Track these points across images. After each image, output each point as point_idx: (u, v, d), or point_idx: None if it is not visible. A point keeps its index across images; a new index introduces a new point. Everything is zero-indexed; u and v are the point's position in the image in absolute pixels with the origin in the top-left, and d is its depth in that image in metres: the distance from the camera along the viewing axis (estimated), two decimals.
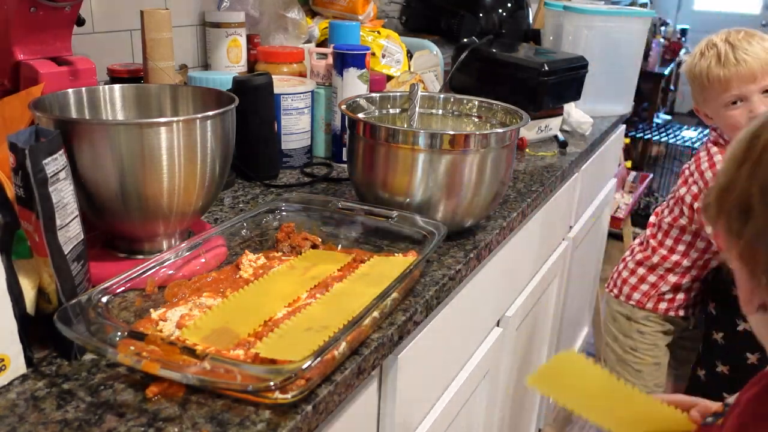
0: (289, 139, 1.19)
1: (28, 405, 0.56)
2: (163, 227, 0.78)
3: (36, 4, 0.80)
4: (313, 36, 1.59)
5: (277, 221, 0.89)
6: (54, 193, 0.60)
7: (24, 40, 0.84)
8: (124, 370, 0.61)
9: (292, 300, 0.71)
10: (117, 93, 0.87)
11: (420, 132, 0.87)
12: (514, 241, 1.16)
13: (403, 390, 0.81)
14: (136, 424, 0.54)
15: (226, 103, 0.80)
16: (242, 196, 1.06)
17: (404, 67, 1.56)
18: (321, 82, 1.27)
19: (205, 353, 0.56)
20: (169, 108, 0.89)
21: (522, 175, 1.25)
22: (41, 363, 0.61)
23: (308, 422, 0.58)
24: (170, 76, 1.06)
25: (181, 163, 0.73)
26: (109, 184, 0.71)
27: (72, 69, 0.86)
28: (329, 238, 0.88)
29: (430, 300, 0.79)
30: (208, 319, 0.66)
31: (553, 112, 1.47)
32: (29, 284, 0.63)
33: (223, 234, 0.82)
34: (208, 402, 0.57)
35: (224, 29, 1.37)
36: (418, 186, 0.88)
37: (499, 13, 1.87)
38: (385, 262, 0.80)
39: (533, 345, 1.51)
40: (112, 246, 0.80)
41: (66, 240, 0.62)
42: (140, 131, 0.70)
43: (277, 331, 0.63)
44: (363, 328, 0.66)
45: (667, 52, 4.54)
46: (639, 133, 3.71)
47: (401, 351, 0.79)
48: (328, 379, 0.61)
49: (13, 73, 0.85)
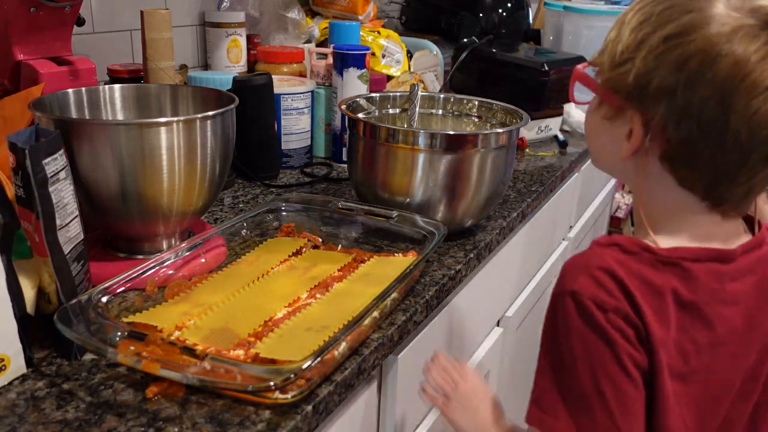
0: (289, 139, 1.19)
1: (28, 405, 0.56)
2: (163, 227, 0.78)
3: (36, 4, 0.80)
4: (313, 36, 1.59)
5: (277, 221, 0.89)
6: (54, 193, 0.60)
7: (24, 40, 0.84)
8: (124, 370, 0.61)
9: (292, 300, 0.71)
10: (117, 93, 0.87)
11: (420, 132, 0.87)
12: (514, 241, 1.16)
13: (403, 390, 0.81)
14: (136, 424, 0.54)
15: (226, 103, 0.80)
16: (242, 196, 1.06)
17: (404, 67, 1.56)
18: (321, 82, 1.27)
19: (205, 353, 0.56)
20: (169, 108, 0.89)
21: (522, 175, 1.25)
22: (41, 363, 0.61)
23: (308, 422, 0.58)
24: (170, 76, 1.06)
25: (181, 163, 0.73)
26: (109, 184, 0.71)
27: (72, 69, 0.86)
28: (329, 238, 0.88)
29: (430, 300, 0.79)
30: (208, 319, 0.66)
31: (553, 112, 1.47)
32: (29, 284, 0.63)
33: (223, 234, 0.82)
34: (208, 402, 0.57)
35: (224, 29, 1.37)
36: (418, 186, 0.88)
37: (499, 13, 1.87)
38: (385, 262, 0.80)
39: (533, 345, 1.51)
40: (112, 246, 0.80)
41: (66, 240, 0.62)
42: (140, 131, 0.70)
43: (277, 331, 0.63)
44: (363, 328, 0.66)
45: None
46: None
47: (401, 351, 0.79)
48: (328, 379, 0.61)
49: (13, 73, 0.85)
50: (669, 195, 0.58)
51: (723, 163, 0.54)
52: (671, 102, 0.54)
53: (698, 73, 0.52)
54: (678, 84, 0.53)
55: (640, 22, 0.56)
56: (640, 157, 0.58)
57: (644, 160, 0.58)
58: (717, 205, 0.57)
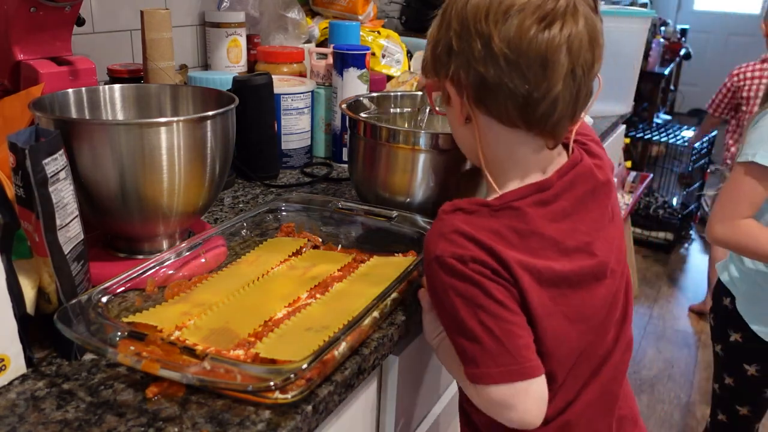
0: (289, 139, 1.19)
1: (28, 405, 0.56)
2: (163, 227, 0.78)
3: (36, 4, 0.80)
4: (313, 36, 1.59)
5: (277, 221, 0.89)
6: (54, 193, 0.60)
7: (24, 40, 0.84)
8: (124, 370, 0.61)
9: (292, 300, 0.71)
10: (117, 93, 0.87)
11: (421, 132, 0.87)
12: None
13: (403, 390, 0.81)
14: (136, 424, 0.54)
15: (226, 103, 0.80)
16: (242, 196, 1.06)
17: (404, 67, 1.56)
18: (321, 82, 1.27)
19: (205, 353, 0.56)
20: (169, 108, 0.89)
21: None
22: (41, 363, 0.61)
23: (308, 422, 0.58)
24: (170, 76, 1.06)
25: (181, 163, 0.73)
26: (109, 184, 0.71)
27: (72, 69, 0.86)
28: (329, 238, 0.88)
29: None
30: (208, 319, 0.66)
31: None
32: (29, 284, 0.63)
33: (223, 234, 0.81)
34: (208, 402, 0.57)
35: (224, 29, 1.37)
36: (418, 186, 0.88)
37: None
38: (385, 262, 0.80)
39: None
40: (112, 246, 0.80)
41: (66, 240, 0.62)
42: (140, 131, 0.70)
43: (277, 331, 0.63)
44: (363, 328, 0.66)
45: (667, 52, 4.53)
46: (639, 133, 3.71)
47: (401, 351, 0.79)
48: (328, 379, 0.61)
49: (13, 73, 0.85)
50: (500, 138, 0.68)
51: (512, 86, 0.63)
52: (455, 55, 0.65)
53: (458, 23, 0.65)
54: (451, 38, 0.65)
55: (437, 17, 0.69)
56: (472, 122, 0.69)
57: (474, 118, 0.68)
58: (539, 132, 0.66)
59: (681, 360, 2.48)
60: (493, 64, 0.63)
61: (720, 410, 1.48)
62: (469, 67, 0.64)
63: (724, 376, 1.43)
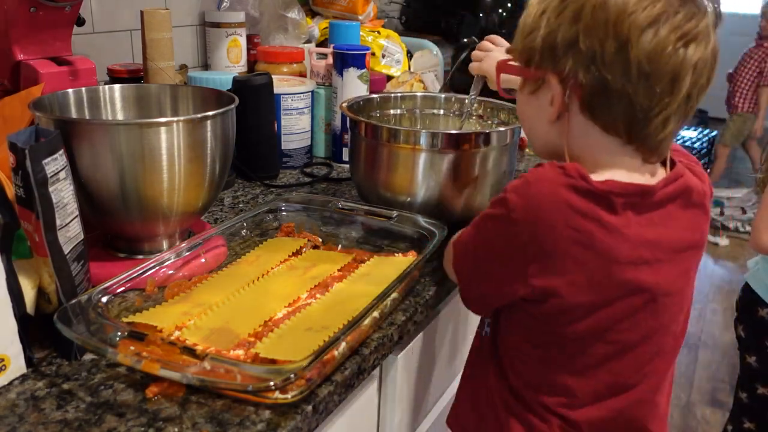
0: (289, 139, 1.19)
1: (28, 405, 0.56)
2: (163, 227, 0.78)
3: (36, 4, 0.80)
4: (313, 36, 1.58)
5: (277, 221, 0.89)
6: (54, 193, 0.60)
7: (24, 40, 0.84)
8: (124, 370, 0.61)
9: (292, 300, 0.71)
10: (117, 93, 0.87)
11: (421, 132, 0.87)
12: None
13: (403, 390, 0.81)
14: (136, 424, 0.54)
15: (226, 103, 0.80)
16: (242, 196, 1.06)
17: (404, 67, 1.56)
18: (321, 82, 1.26)
19: (205, 353, 0.56)
20: (169, 108, 0.89)
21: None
22: (41, 363, 0.61)
23: (308, 422, 0.58)
24: (170, 76, 1.06)
25: (181, 163, 0.73)
26: (109, 184, 0.71)
27: (72, 69, 0.86)
28: (329, 238, 0.88)
29: (430, 300, 0.79)
30: (208, 319, 0.66)
31: None
32: (29, 284, 0.63)
33: (223, 234, 0.81)
34: (208, 402, 0.57)
35: (224, 29, 1.37)
36: (419, 185, 0.88)
37: (499, 13, 1.87)
38: (385, 262, 0.80)
39: None
40: (112, 246, 0.80)
41: (66, 240, 0.62)
42: (140, 131, 0.70)
43: (277, 331, 0.63)
44: (363, 328, 0.66)
45: None
46: None
47: (401, 351, 0.79)
48: (328, 379, 0.61)
49: (13, 73, 0.85)
50: (596, 143, 0.64)
51: (634, 97, 0.60)
52: (576, 51, 0.61)
53: (592, 19, 0.60)
54: (578, 33, 0.60)
55: None
56: (564, 120, 0.65)
57: (567, 117, 0.64)
58: (639, 146, 0.63)
59: (681, 360, 2.48)
60: (622, 71, 0.59)
61: (747, 419, 1.49)
62: (590, 68, 0.60)
63: (757, 386, 1.43)
